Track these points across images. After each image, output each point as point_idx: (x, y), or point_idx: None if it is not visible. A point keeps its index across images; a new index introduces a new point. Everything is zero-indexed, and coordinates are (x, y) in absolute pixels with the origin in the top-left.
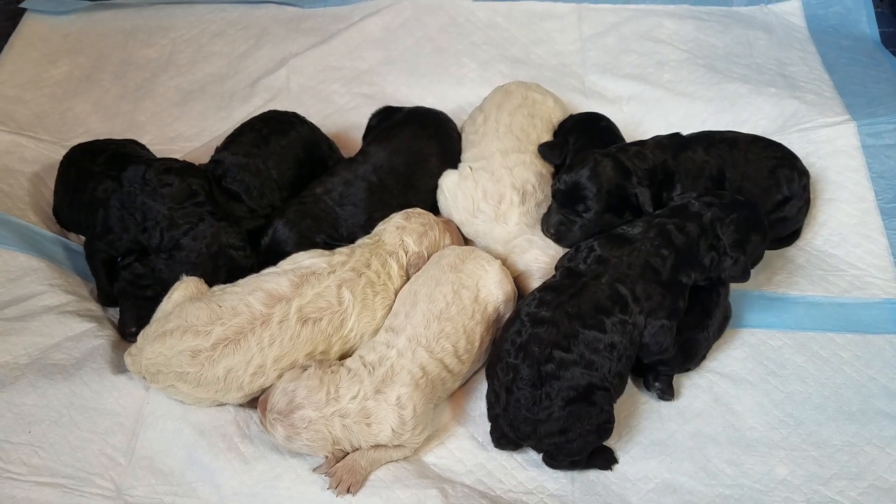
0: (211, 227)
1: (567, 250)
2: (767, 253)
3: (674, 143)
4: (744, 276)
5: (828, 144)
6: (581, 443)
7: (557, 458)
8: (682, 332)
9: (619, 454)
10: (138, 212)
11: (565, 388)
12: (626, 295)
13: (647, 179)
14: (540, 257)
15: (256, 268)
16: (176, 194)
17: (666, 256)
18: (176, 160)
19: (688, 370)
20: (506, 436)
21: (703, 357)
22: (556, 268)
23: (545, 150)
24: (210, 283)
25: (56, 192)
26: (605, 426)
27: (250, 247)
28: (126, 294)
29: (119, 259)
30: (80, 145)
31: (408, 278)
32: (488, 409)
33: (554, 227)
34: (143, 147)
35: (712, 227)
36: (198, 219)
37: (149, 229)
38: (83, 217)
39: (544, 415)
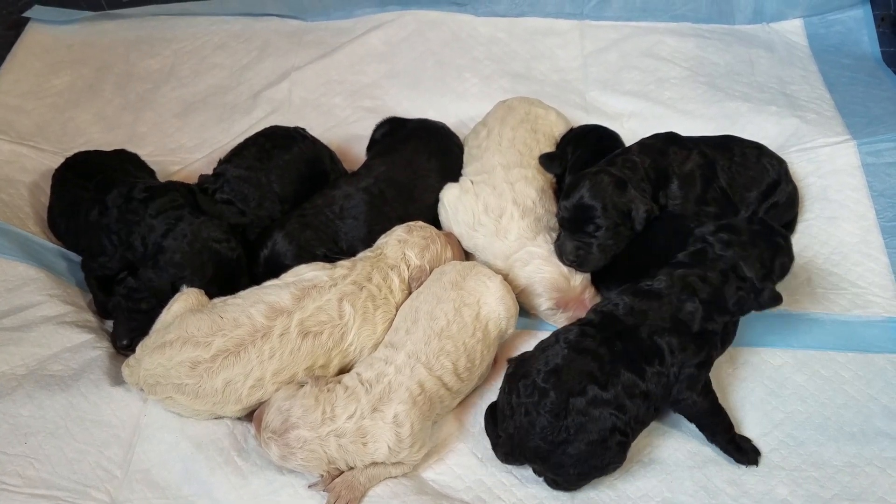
0: (190, 225)
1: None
2: None
3: (659, 141)
4: (774, 302)
5: (828, 163)
6: (588, 477)
7: (560, 485)
8: None
9: (620, 473)
10: (123, 230)
11: (589, 430)
12: (664, 348)
13: (643, 184)
14: (543, 267)
15: (244, 259)
16: (158, 207)
17: (693, 311)
18: (157, 181)
19: None
20: (512, 453)
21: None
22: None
23: (545, 161)
24: (198, 280)
25: (50, 209)
26: (613, 466)
27: (234, 238)
28: (120, 307)
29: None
30: (72, 164)
31: (410, 292)
32: (499, 422)
33: (572, 253)
34: (138, 161)
35: (735, 271)
36: (176, 219)
37: (132, 242)
38: (80, 240)
39: (559, 449)
